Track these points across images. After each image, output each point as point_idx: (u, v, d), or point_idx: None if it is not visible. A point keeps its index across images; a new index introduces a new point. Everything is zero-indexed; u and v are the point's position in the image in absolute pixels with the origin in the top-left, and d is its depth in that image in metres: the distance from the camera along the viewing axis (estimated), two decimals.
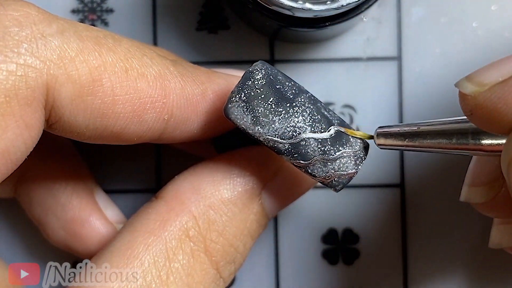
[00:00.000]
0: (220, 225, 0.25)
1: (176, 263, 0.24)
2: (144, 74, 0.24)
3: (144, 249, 0.24)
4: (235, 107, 0.24)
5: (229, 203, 0.26)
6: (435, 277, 0.33)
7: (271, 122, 0.24)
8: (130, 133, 0.24)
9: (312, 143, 0.24)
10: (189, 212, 0.25)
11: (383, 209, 0.33)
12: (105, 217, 0.29)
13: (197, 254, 0.25)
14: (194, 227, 0.25)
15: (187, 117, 0.25)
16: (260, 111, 0.24)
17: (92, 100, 0.23)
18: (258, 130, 0.24)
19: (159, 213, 0.25)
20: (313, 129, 0.24)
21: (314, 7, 0.26)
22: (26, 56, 0.21)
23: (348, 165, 0.24)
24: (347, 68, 0.32)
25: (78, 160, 0.30)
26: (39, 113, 0.22)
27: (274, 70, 0.24)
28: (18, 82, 0.21)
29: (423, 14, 0.32)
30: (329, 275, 0.33)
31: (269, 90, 0.24)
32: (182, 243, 0.25)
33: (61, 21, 0.23)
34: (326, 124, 0.24)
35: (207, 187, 0.26)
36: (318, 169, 0.24)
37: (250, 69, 0.24)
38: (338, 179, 0.24)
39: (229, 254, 0.26)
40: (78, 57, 0.22)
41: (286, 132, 0.24)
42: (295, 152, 0.24)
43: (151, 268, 0.24)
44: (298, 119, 0.24)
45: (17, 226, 0.32)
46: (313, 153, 0.24)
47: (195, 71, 0.26)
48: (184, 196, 0.25)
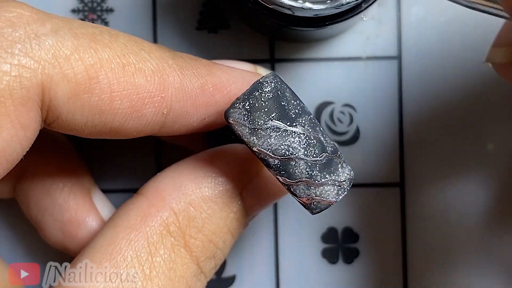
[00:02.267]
0: (199, 221, 0.25)
1: (158, 258, 0.24)
2: (141, 69, 0.23)
3: (127, 244, 0.24)
4: (236, 113, 0.24)
5: (209, 201, 0.26)
6: (434, 277, 0.33)
7: (268, 136, 0.24)
8: (129, 128, 0.24)
9: (302, 165, 0.24)
10: (170, 208, 0.25)
11: (383, 208, 0.32)
12: (101, 218, 0.29)
13: (177, 249, 0.25)
14: (174, 222, 0.25)
15: (186, 111, 0.25)
16: (260, 123, 0.24)
17: (89, 98, 0.22)
18: (253, 141, 0.24)
19: (140, 209, 0.25)
20: (306, 152, 0.24)
21: (314, 6, 0.26)
22: (20, 56, 0.21)
23: (330, 193, 0.24)
24: (347, 68, 0.32)
25: (76, 160, 0.30)
26: (34, 113, 0.22)
27: (283, 85, 0.24)
28: (12, 83, 0.21)
29: (423, 13, 0.32)
30: (329, 274, 0.33)
31: (273, 104, 0.24)
32: (163, 238, 0.25)
33: (55, 19, 0.23)
34: (320, 150, 0.24)
35: (189, 184, 0.26)
36: (300, 190, 0.24)
37: (261, 80, 0.24)
38: (317, 204, 0.24)
39: (209, 250, 0.26)
40: (73, 55, 0.22)
41: (280, 149, 0.24)
42: (283, 169, 0.24)
43: (134, 263, 0.24)
44: (294, 140, 0.24)
45: (17, 226, 0.32)
46: (300, 175, 0.24)
47: (195, 63, 0.25)
48: (165, 193, 0.25)
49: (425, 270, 0.32)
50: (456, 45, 0.32)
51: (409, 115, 0.32)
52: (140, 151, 0.32)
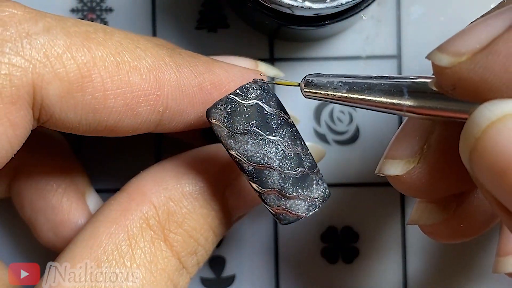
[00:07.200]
0: (179, 217, 0.25)
1: (139, 250, 0.24)
2: (136, 67, 0.23)
3: (107, 237, 0.24)
4: (217, 114, 0.23)
5: (190, 197, 0.25)
6: (434, 276, 0.32)
7: (245, 142, 0.23)
8: (124, 126, 0.24)
9: (275, 175, 0.23)
10: (150, 202, 0.25)
11: (382, 207, 0.32)
12: None
13: (157, 242, 0.25)
14: (154, 216, 0.25)
15: (183, 109, 0.24)
16: (239, 128, 0.23)
17: (82, 96, 0.22)
18: (230, 143, 0.23)
19: (121, 204, 0.25)
20: (281, 164, 0.23)
21: (313, 6, 0.26)
22: (10, 55, 0.21)
23: (300, 207, 0.24)
24: (347, 67, 0.32)
25: (71, 160, 0.30)
26: (24, 111, 0.22)
27: (269, 94, 0.24)
28: (2, 81, 0.21)
29: (422, 12, 0.32)
30: (328, 273, 0.32)
31: (255, 112, 0.23)
32: (143, 231, 0.25)
33: (48, 18, 0.22)
34: (296, 164, 0.24)
35: (169, 180, 0.26)
36: (270, 199, 0.24)
37: (246, 86, 0.23)
38: (285, 215, 0.24)
39: (189, 245, 0.26)
40: (65, 54, 0.22)
41: (255, 156, 0.23)
42: (256, 176, 0.23)
43: (115, 255, 0.24)
44: (270, 150, 0.23)
45: (16, 226, 0.32)
46: (272, 185, 0.23)
47: (194, 61, 0.25)
48: (146, 188, 0.25)
49: (425, 270, 0.32)
50: None
51: None
52: (139, 151, 0.32)
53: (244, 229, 0.32)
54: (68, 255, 0.24)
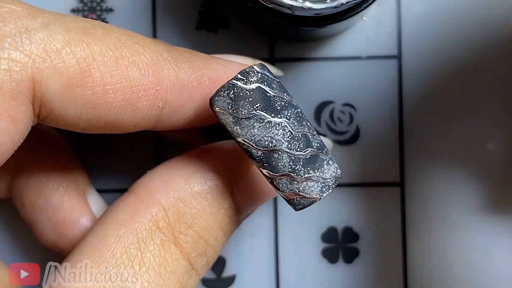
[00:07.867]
0: (189, 217, 0.25)
1: (148, 253, 0.24)
2: (135, 62, 0.23)
3: (116, 240, 0.24)
4: (220, 101, 0.23)
5: (199, 197, 0.25)
6: (435, 276, 0.32)
7: (251, 126, 0.23)
8: (124, 122, 0.24)
9: (285, 158, 0.23)
10: (159, 204, 0.25)
11: (383, 207, 0.32)
12: (95, 219, 0.28)
13: (167, 244, 0.25)
14: (163, 218, 0.25)
15: (182, 104, 0.24)
16: (244, 113, 0.23)
17: (82, 91, 0.22)
18: (237, 130, 0.23)
19: (129, 205, 0.25)
20: (290, 145, 0.23)
21: (314, 6, 0.26)
22: (10, 50, 0.21)
23: (313, 189, 0.23)
24: (347, 67, 0.32)
25: (72, 159, 0.30)
26: (25, 107, 0.21)
27: (270, 77, 0.24)
28: (2, 76, 0.21)
29: (423, 12, 0.32)
30: (329, 274, 0.32)
31: (258, 95, 0.23)
32: (152, 233, 0.24)
33: (47, 14, 0.22)
34: (304, 145, 0.23)
35: (178, 180, 0.25)
36: (283, 184, 0.23)
37: (247, 70, 0.23)
38: (300, 200, 0.24)
39: (199, 246, 0.25)
40: (65, 49, 0.22)
41: (263, 140, 0.23)
42: (266, 162, 0.23)
43: (124, 259, 0.24)
44: (277, 132, 0.23)
45: (17, 226, 0.32)
46: (283, 168, 0.23)
47: (192, 56, 0.25)
48: (154, 189, 0.25)
49: (425, 270, 0.32)
50: (456, 44, 0.32)
51: (409, 115, 0.32)
52: (139, 151, 0.32)
53: (244, 229, 0.32)
54: (76, 258, 0.24)
